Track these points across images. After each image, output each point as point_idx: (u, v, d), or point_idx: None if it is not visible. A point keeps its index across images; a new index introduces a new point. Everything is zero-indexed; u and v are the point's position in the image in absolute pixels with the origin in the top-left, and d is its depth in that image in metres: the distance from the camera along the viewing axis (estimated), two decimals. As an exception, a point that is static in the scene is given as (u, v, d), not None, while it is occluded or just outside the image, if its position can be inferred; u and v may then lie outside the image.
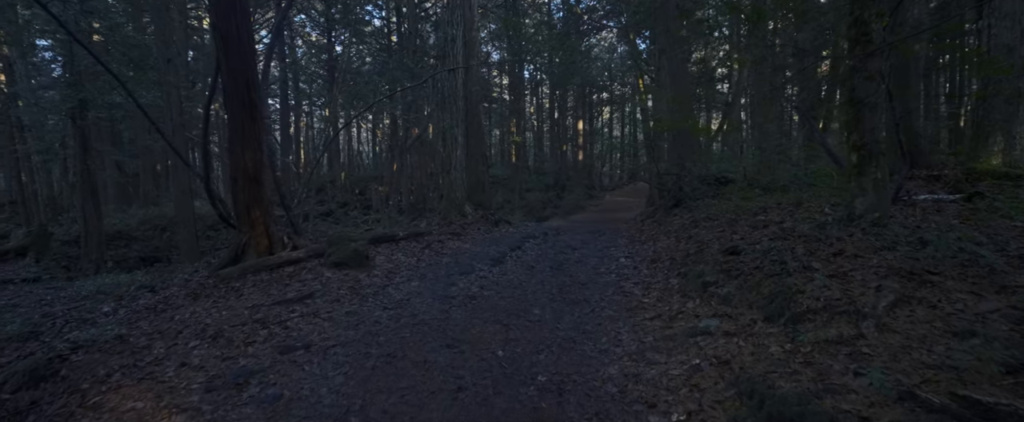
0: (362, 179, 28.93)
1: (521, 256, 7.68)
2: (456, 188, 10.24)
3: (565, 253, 7.74)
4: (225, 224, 7.64)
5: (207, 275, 6.71)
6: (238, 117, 6.17)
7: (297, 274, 6.38)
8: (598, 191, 31.13)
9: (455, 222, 9.81)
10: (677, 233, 7.58)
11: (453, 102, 10.09)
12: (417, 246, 7.98)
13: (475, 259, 7.30)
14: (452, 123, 10.10)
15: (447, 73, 10.04)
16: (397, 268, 6.82)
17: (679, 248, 6.68)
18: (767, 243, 4.94)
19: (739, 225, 6.13)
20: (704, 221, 7.29)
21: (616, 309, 4.99)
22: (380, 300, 5.52)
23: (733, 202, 7.74)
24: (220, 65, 5.84)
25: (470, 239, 8.80)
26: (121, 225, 14.67)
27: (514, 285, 6.09)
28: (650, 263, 6.44)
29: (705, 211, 7.86)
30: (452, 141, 10.20)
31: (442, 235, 8.77)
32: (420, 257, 7.40)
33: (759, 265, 4.55)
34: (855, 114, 4.77)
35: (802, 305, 3.62)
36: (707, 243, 5.95)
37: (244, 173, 6.55)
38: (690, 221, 7.72)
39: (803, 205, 6.14)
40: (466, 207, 10.31)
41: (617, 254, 7.38)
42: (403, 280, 6.31)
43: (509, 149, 31.68)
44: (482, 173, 11.27)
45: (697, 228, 7.19)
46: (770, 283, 4.13)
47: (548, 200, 25.72)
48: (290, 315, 4.92)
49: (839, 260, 4.09)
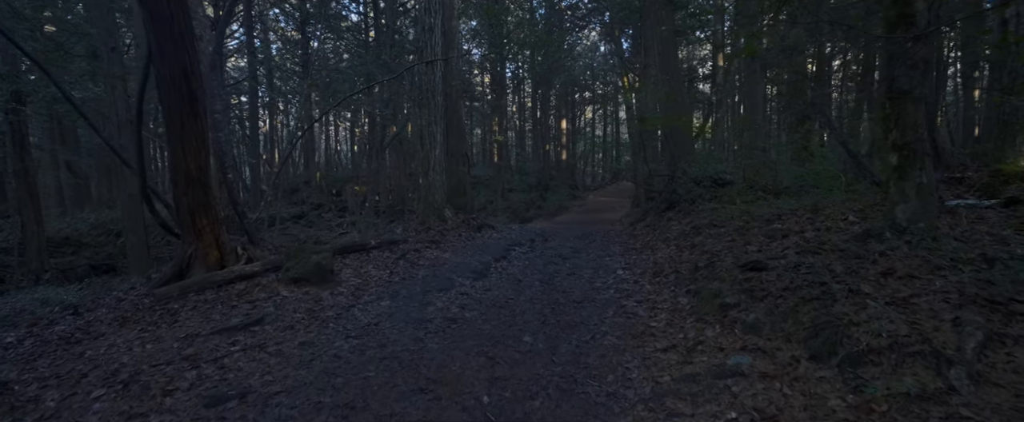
0: (339, 179, 27.76)
1: (507, 267, 6.89)
2: (435, 191, 9.39)
3: (555, 263, 6.98)
4: (169, 234, 6.68)
5: (145, 293, 5.77)
6: (176, 111, 5.23)
7: (248, 292, 5.48)
8: (581, 191, 30.57)
9: (434, 228, 8.97)
10: (678, 241, 6.87)
11: (431, 98, 9.24)
12: (391, 256, 7.13)
13: (456, 271, 6.48)
14: (430, 120, 9.25)
15: (424, 66, 9.19)
16: (366, 284, 5.96)
17: (683, 259, 5.97)
18: (794, 257, 4.24)
19: (752, 234, 5.44)
20: (708, 228, 6.60)
21: (620, 335, 4.24)
22: (343, 326, 4.67)
23: (737, 206, 7.07)
24: (151, 50, 4.91)
25: (450, 247, 7.97)
26: (70, 230, 13.43)
27: (500, 304, 5.30)
28: (652, 277, 5.70)
29: (707, 216, 7.18)
30: (430, 140, 9.34)
31: (419, 243, 7.93)
32: (393, 270, 6.55)
33: (790, 285, 3.84)
34: (895, 108, 4.10)
35: (859, 342, 2.90)
36: (718, 255, 5.25)
37: (186, 176, 5.62)
38: (691, 227, 7.03)
39: (821, 212, 5.49)
40: (446, 211, 9.47)
41: (613, 264, 6.64)
42: (372, 299, 5.46)
43: (491, 148, 30.84)
44: (463, 174, 10.45)
45: (701, 236, 6.49)
46: (810, 310, 3.42)
47: (531, 201, 24.99)
48: (230, 348, 4.04)
49: (891, 282, 3.40)
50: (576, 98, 36.27)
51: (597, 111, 41.09)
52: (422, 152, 9.57)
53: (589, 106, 39.54)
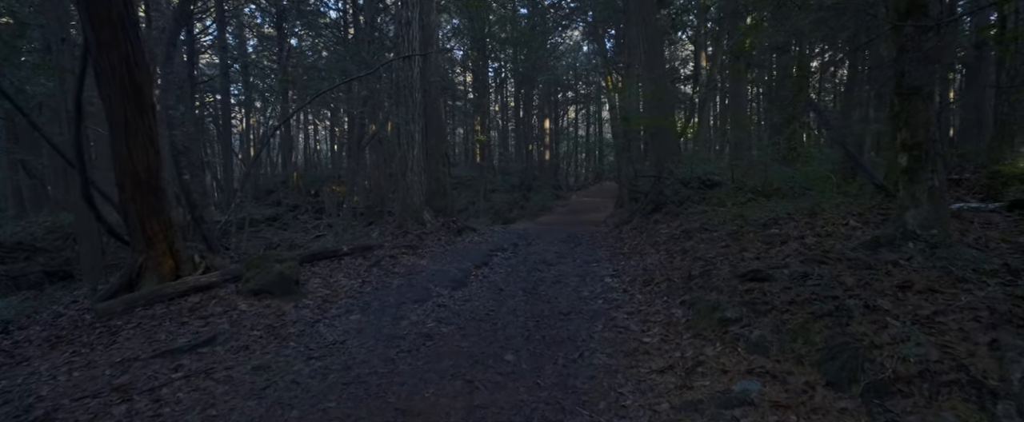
0: (317, 180, 26.95)
1: (488, 275, 6.46)
2: (413, 192, 8.92)
3: (540, 270, 6.57)
4: (118, 241, 6.10)
5: (87, 307, 5.20)
6: (119, 106, 4.69)
7: (202, 306, 4.95)
8: (565, 191, 30.26)
9: (412, 231, 8.49)
10: (668, 246, 6.53)
11: (408, 95, 8.76)
12: (364, 264, 6.64)
13: (433, 280, 6.03)
14: (408, 118, 8.77)
15: (402, 62, 8.70)
16: (335, 295, 5.47)
17: (675, 266, 5.62)
18: (798, 267, 3.90)
19: (747, 239, 5.11)
20: (699, 232, 6.27)
21: (611, 353, 3.85)
22: (305, 345, 4.19)
23: (729, 209, 6.76)
24: (87, 37, 4.36)
25: (428, 253, 7.51)
26: (24, 234, 12.57)
27: (480, 316, 4.87)
28: (643, 285, 5.33)
29: (697, 219, 6.85)
30: (408, 139, 8.86)
31: (395, 248, 7.45)
32: (366, 279, 6.07)
33: (796, 298, 3.49)
34: (905, 106, 3.79)
35: (884, 368, 2.55)
36: (713, 262, 4.90)
37: (134, 178, 5.07)
38: (681, 231, 6.69)
39: (820, 216, 5.18)
40: (425, 214, 9.00)
41: (600, 271, 6.26)
42: (340, 312, 4.98)
43: (473, 148, 30.39)
44: (443, 175, 9.99)
45: (692, 240, 6.15)
46: (822, 328, 3.07)
47: (514, 201, 24.57)
48: (171, 376, 3.54)
49: (911, 297, 3.07)
50: (559, 98, 35.97)
51: (580, 111, 40.89)
52: (400, 152, 9.09)
53: (572, 106, 39.28)
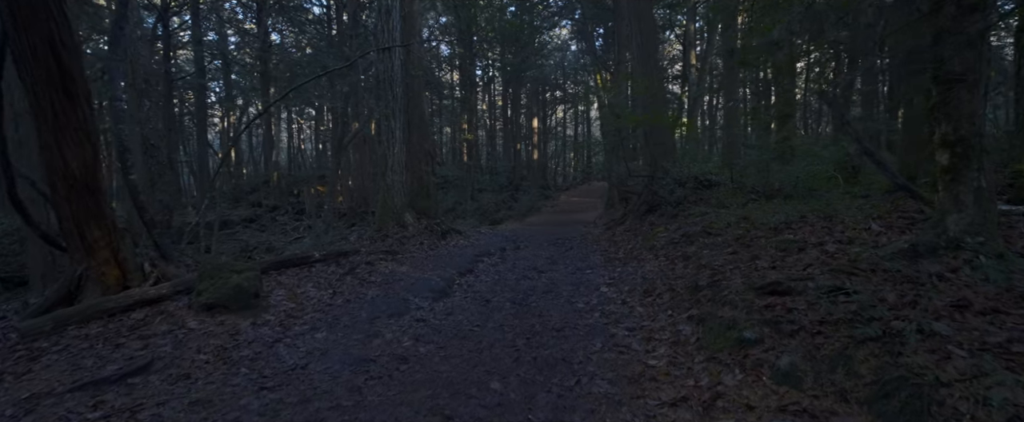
0: (300, 179, 26.10)
1: (473, 283, 5.89)
2: (394, 193, 8.31)
3: (529, 278, 6.02)
4: (56, 249, 5.42)
5: (12, 325, 4.53)
6: (44, 95, 4.03)
7: (146, 324, 4.32)
8: (553, 191, 29.78)
9: (392, 235, 7.88)
10: (667, 251, 6.02)
11: (389, 89, 8.15)
12: (337, 271, 6.03)
13: (412, 290, 5.44)
14: (388, 114, 8.16)
15: (381, 54, 8.09)
16: (301, 309, 4.86)
17: (676, 274, 5.10)
18: (825, 279, 3.39)
19: (758, 246, 4.61)
20: (701, 236, 5.77)
21: (612, 379, 3.31)
22: (259, 371, 3.59)
23: (732, 211, 6.28)
24: (2, 15, 3.71)
25: (409, 259, 6.91)
26: (-22, 238, 11.69)
27: (463, 333, 4.30)
28: (643, 296, 4.81)
29: (697, 221, 6.35)
30: (388, 136, 8.25)
31: (373, 253, 6.84)
32: (337, 289, 5.46)
33: (828, 318, 2.98)
34: (945, 96, 3.30)
35: (959, 413, 2.04)
36: (721, 271, 4.38)
37: (66, 177, 4.41)
38: (681, 235, 6.18)
39: (836, 219, 4.71)
40: (406, 216, 8.39)
41: (595, 279, 5.73)
42: (304, 330, 4.37)
43: (461, 147, 29.75)
44: (426, 174, 9.39)
45: (693, 246, 5.64)
46: (868, 356, 2.56)
47: (502, 201, 24.02)
48: (87, 415, 2.92)
49: (971, 319, 2.57)
50: (547, 97, 35.47)
51: (568, 110, 40.45)
52: (379, 150, 8.47)
53: (560, 106, 38.82)
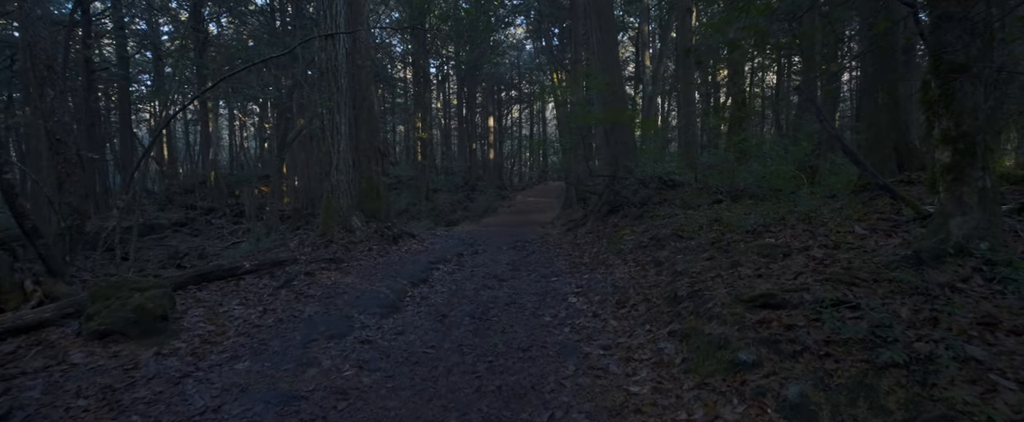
0: (240, 180, 24.34)
1: (428, 295, 5.26)
2: (339, 194, 7.53)
3: (490, 287, 5.45)
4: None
5: None
6: None
7: (14, 359, 3.45)
8: (509, 191, 29.37)
9: (337, 241, 7.11)
10: (636, 256, 5.61)
11: (333, 80, 7.36)
12: (270, 285, 5.24)
13: (358, 305, 4.76)
14: (332, 107, 7.37)
15: (324, 41, 7.29)
16: (221, 333, 4.09)
17: (649, 281, 4.69)
18: (823, 291, 3.03)
19: (738, 251, 4.25)
20: (672, 239, 5.39)
21: (591, 412, 2.81)
22: (156, 418, 2.85)
23: (702, 212, 5.96)
24: None
25: (355, 268, 6.19)
26: None
27: (416, 357, 3.69)
28: (616, 307, 4.36)
29: (667, 224, 6.00)
30: (333, 131, 7.47)
31: (314, 262, 6.07)
32: (269, 306, 4.70)
33: (835, 337, 2.60)
34: (946, 89, 3.01)
35: (1027, 465, 1.65)
36: (701, 279, 3.98)
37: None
38: (650, 239, 5.80)
39: (815, 221, 4.42)
40: (353, 219, 7.62)
41: (561, 287, 5.24)
42: (223, 360, 3.63)
43: (415, 145, 28.77)
44: (376, 174, 8.63)
45: (665, 250, 5.26)
46: (892, 384, 2.17)
47: (458, 202, 23.35)
48: None
49: (1004, 340, 2.23)
50: (502, 97, 35.02)
51: (523, 110, 40.18)
52: (323, 147, 7.67)
53: (515, 105, 38.48)
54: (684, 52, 12.61)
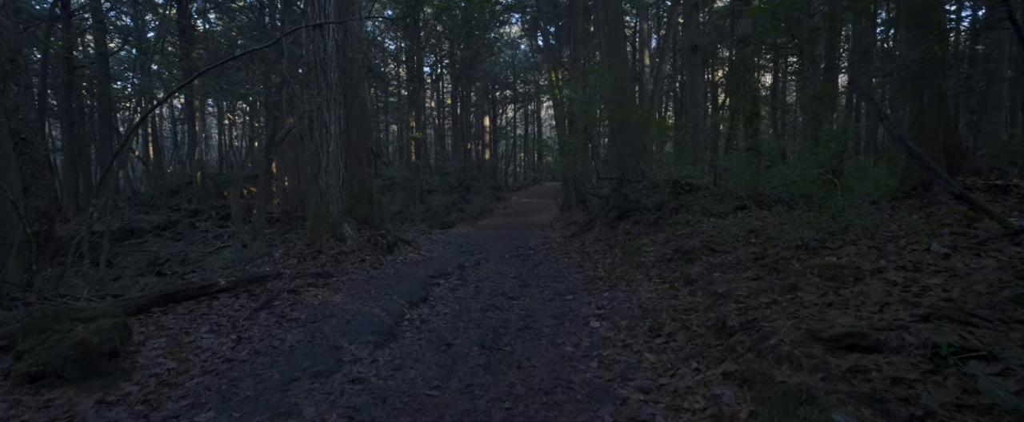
0: (230, 180, 23.42)
1: (428, 318, 4.59)
2: (329, 199, 6.83)
3: (498, 307, 4.80)
4: None
5: None
6: None
7: (-84, 415, 2.74)
8: (504, 192, 28.74)
9: (326, 251, 6.42)
10: (660, 271, 4.98)
11: (322, 74, 6.66)
12: (248, 306, 4.55)
13: (348, 331, 4.09)
14: (321, 104, 6.68)
15: (312, 31, 6.59)
16: (183, 371, 3.39)
17: (683, 303, 4.05)
18: (930, 332, 2.40)
19: (791, 271, 3.63)
20: (704, 253, 4.77)
21: (646, 490, 2.17)
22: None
23: (732, 222, 5.34)
24: None
25: (345, 283, 5.50)
26: None
27: (418, 402, 3.03)
28: (649, 336, 3.72)
29: (695, 235, 5.37)
30: (322, 131, 6.77)
31: (300, 277, 5.38)
32: (244, 333, 4.01)
33: (971, 400, 1.98)
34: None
35: None
36: (755, 307, 3.36)
37: None
38: (675, 251, 5.17)
39: (880, 236, 3.81)
40: (344, 226, 6.93)
41: (580, 308, 4.59)
42: (182, 409, 2.94)
43: (409, 145, 28.02)
44: (368, 176, 7.93)
45: (696, 265, 4.63)
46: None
47: (452, 203, 22.69)
48: None
49: None
50: (496, 96, 34.34)
51: (518, 110, 39.54)
52: (311, 147, 6.97)
53: (510, 105, 37.82)
54: (690, 49, 12.04)
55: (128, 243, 12.82)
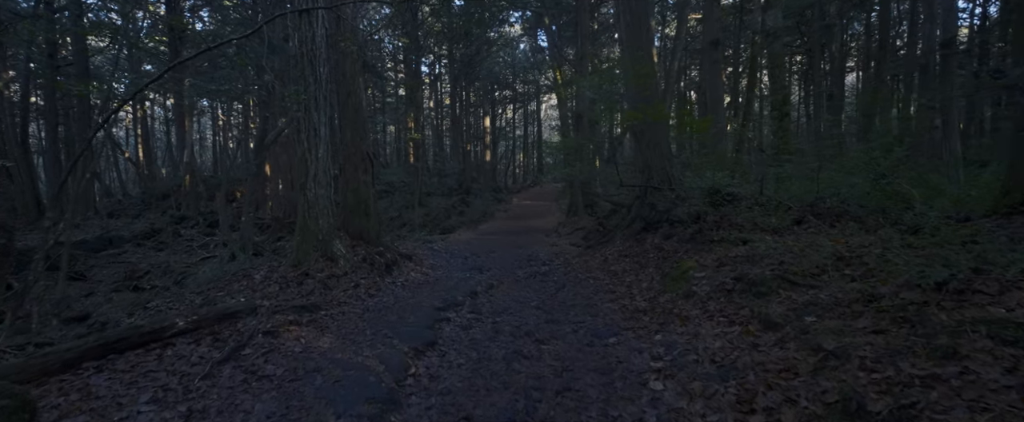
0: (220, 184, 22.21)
1: (439, 372, 3.57)
2: (318, 212, 5.80)
3: (525, 355, 3.79)
4: None
5: None
6: None
7: None
8: (504, 194, 27.76)
9: (315, 274, 5.39)
10: (723, 306, 3.99)
11: (309, 68, 5.64)
12: (209, 357, 3.52)
13: (335, 398, 3.07)
14: (308, 102, 5.65)
15: (298, 17, 5.57)
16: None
17: (773, 358, 3.06)
18: None
19: (935, 324, 2.64)
20: (779, 285, 3.78)
21: None
22: None
23: (801, 240, 4.36)
24: None
25: (335, 319, 4.48)
26: None
27: None
28: (737, 410, 2.72)
29: (755, 258, 4.38)
30: (310, 133, 5.75)
31: (281, 311, 4.35)
32: (196, 404, 2.99)
33: None
34: None
35: None
36: (909, 388, 2.37)
37: None
38: (735, 279, 4.18)
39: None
40: (335, 244, 5.90)
41: (631, 358, 3.59)
42: None
43: (406, 147, 26.96)
44: (364, 185, 6.90)
45: (773, 301, 3.64)
46: None
47: (452, 206, 21.64)
48: None
49: None
50: (496, 97, 33.31)
51: (517, 110, 38.53)
52: (299, 151, 5.95)
53: (509, 105, 36.80)
54: (709, 44, 11.07)
55: (106, 254, 11.74)
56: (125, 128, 28.92)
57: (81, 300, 9.16)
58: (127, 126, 28.87)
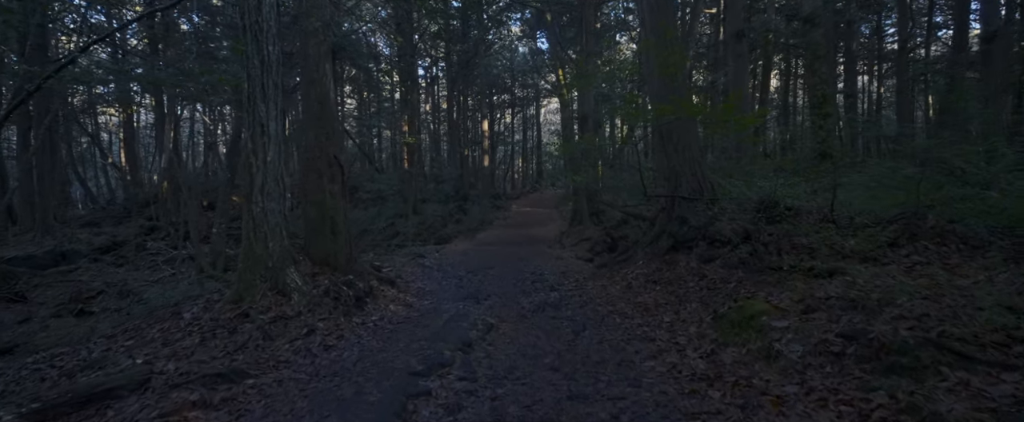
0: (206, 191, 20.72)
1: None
2: (268, 232, 4.42)
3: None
4: None
5: None
6: None
7: None
8: (503, 201, 26.40)
9: (256, 315, 4.00)
10: (832, 381, 2.61)
11: (254, 45, 4.28)
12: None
13: None
14: (252, 91, 4.29)
15: (239, -18, 4.21)
16: None
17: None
18: None
19: None
20: (932, 357, 2.42)
21: None
22: None
23: (921, 284, 3.00)
24: None
25: (264, 396, 3.07)
26: None
27: None
28: None
29: (871, 306, 3.02)
30: (256, 131, 4.38)
31: (182, 386, 2.97)
32: None
33: None
34: None
35: None
36: None
37: None
38: (845, 338, 2.80)
39: None
40: (289, 274, 4.51)
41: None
42: None
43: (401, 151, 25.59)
44: (332, 197, 5.49)
45: (926, 382, 2.28)
46: None
47: (449, 214, 20.23)
48: None
49: None
50: (495, 101, 32.02)
51: (516, 115, 37.24)
52: (243, 156, 4.58)
53: (508, 110, 35.52)
54: (734, 36, 9.76)
55: (55, 271, 10.32)
56: (109, 132, 27.44)
57: (12, 328, 7.77)
58: (110, 130, 27.41)
